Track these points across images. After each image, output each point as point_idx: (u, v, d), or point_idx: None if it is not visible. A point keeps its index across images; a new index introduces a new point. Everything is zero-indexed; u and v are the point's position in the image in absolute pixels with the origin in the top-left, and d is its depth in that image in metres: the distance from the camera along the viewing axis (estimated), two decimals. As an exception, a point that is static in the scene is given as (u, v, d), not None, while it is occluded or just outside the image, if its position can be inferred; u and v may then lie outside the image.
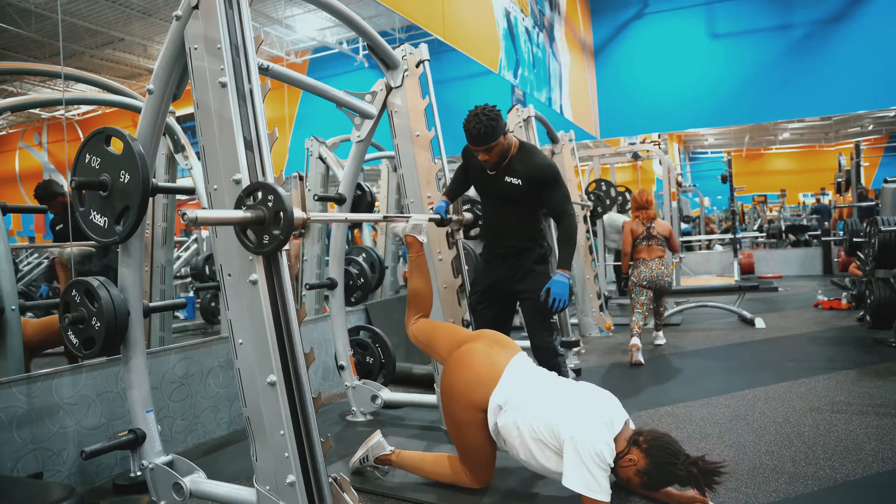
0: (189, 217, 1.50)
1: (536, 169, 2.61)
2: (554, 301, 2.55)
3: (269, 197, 1.66)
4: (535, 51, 7.44)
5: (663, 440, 1.88)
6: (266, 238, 1.68)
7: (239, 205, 1.71)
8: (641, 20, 11.53)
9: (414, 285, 2.59)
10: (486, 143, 2.51)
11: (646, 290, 4.57)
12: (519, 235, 2.72)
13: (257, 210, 1.67)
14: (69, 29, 8.28)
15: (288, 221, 1.65)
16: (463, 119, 2.56)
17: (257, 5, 9.42)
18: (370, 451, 2.37)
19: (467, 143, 2.76)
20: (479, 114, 2.50)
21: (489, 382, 2.10)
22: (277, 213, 1.65)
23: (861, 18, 9.95)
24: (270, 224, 1.67)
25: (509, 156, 2.65)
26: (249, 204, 1.69)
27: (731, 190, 8.68)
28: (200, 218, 1.53)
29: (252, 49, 1.88)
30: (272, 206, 1.66)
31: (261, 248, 1.70)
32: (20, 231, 8.67)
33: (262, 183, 1.70)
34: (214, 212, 1.66)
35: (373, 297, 4.88)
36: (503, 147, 2.58)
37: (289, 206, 1.65)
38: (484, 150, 2.55)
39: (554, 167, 2.68)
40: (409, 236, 2.62)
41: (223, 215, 1.65)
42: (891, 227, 4.28)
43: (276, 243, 1.67)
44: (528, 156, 2.65)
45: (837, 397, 3.24)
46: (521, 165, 2.62)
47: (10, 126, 9.34)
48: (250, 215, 1.66)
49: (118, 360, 2.40)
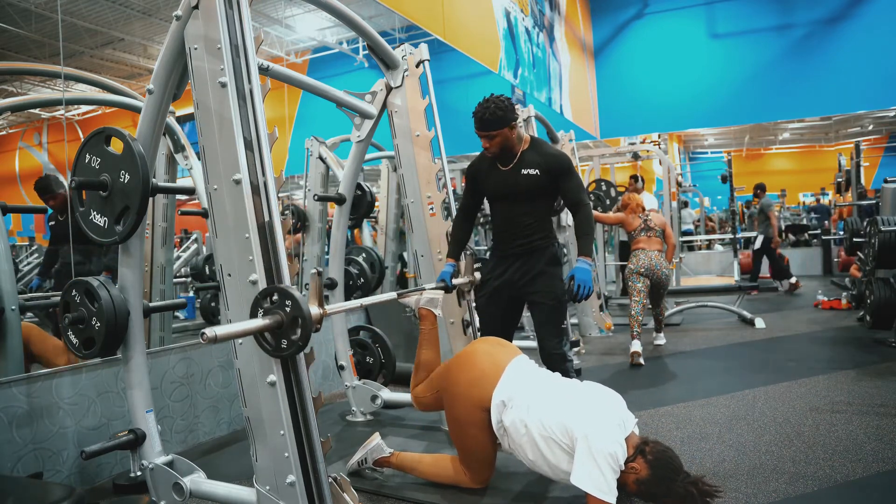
0: (209, 336, 1.44)
1: (552, 158, 2.63)
2: (579, 287, 2.54)
3: (287, 302, 1.65)
4: (535, 51, 7.44)
5: (668, 454, 1.88)
6: (285, 343, 1.67)
7: (255, 307, 1.70)
8: (641, 20, 11.53)
9: (423, 357, 2.52)
10: (489, 130, 2.54)
11: (643, 278, 4.54)
12: (533, 233, 2.69)
13: (275, 315, 1.65)
14: (69, 29, 8.28)
15: (306, 329, 1.64)
16: (463, 119, 2.58)
17: (257, 5, 9.42)
18: (369, 454, 2.37)
19: (471, 162, 2.82)
20: (489, 101, 2.54)
21: (491, 380, 2.11)
22: (295, 319, 1.64)
23: (861, 18, 9.95)
24: (289, 329, 1.66)
25: (521, 150, 2.65)
26: (267, 307, 1.68)
27: (731, 190, 8.68)
28: (220, 336, 1.48)
29: (252, 49, 1.88)
30: (290, 311, 1.65)
31: (279, 352, 1.69)
32: (20, 231, 8.67)
33: (278, 288, 1.68)
34: (234, 326, 1.59)
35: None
36: (506, 139, 2.58)
37: (306, 312, 1.63)
38: (486, 137, 2.57)
39: (568, 157, 2.70)
40: (422, 309, 2.56)
41: (243, 328, 1.60)
42: (891, 227, 4.28)
43: (295, 348, 1.67)
44: (542, 147, 2.69)
45: (837, 397, 3.24)
46: (536, 156, 2.63)
47: (10, 126, 9.34)
48: (269, 322, 1.64)
49: (118, 359, 2.40)
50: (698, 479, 1.84)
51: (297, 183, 9.13)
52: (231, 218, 1.83)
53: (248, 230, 1.80)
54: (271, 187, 1.84)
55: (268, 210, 1.82)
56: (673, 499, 1.82)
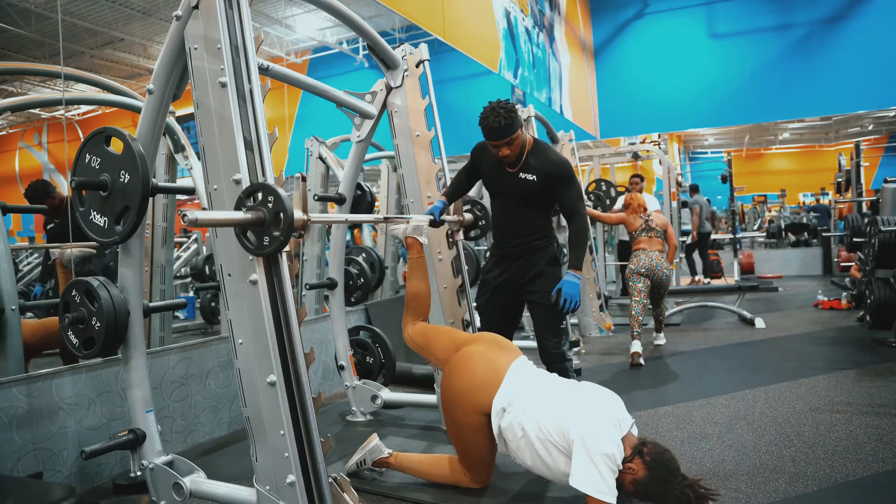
0: (189, 218, 1.50)
1: (552, 165, 2.57)
2: (565, 302, 2.50)
3: (270, 198, 1.66)
4: (535, 51, 7.44)
5: (666, 456, 1.88)
6: (266, 239, 1.68)
7: (239, 206, 1.71)
8: (641, 20, 11.53)
9: (413, 287, 2.57)
10: (508, 136, 2.45)
11: (643, 279, 4.54)
12: (532, 233, 2.67)
13: (257, 211, 1.67)
14: (69, 29, 8.27)
15: (288, 222, 1.64)
16: (463, 119, 2.56)
17: (257, 5, 9.42)
18: (367, 455, 2.37)
19: (479, 143, 2.71)
20: (497, 107, 2.45)
21: (491, 386, 2.09)
22: (278, 214, 1.65)
23: (861, 18, 9.95)
24: (270, 225, 1.66)
25: (525, 152, 2.60)
26: (249, 205, 1.68)
27: (731, 190, 8.69)
28: (200, 219, 1.53)
29: (252, 49, 1.88)
30: (272, 206, 1.66)
31: (261, 249, 1.70)
32: (20, 231, 8.67)
33: (261, 184, 1.70)
34: (214, 213, 1.65)
35: (373, 297, 4.88)
36: (521, 142, 2.54)
37: (289, 206, 1.64)
38: (505, 144, 2.48)
39: (569, 164, 2.63)
40: (409, 238, 2.60)
41: (223, 216, 1.65)
42: (891, 227, 4.28)
43: (277, 244, 1.67)
44: (543, 152, 2.62)
45: (837, 397, 3.24)
46: (536, 162, 2.58)
47: (10, 126, 9.34)
48: (250, 216, 1.66)
49: (118, 359, 2.40)
50: (696, 481, 1.84)
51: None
52: (231, 218, 1.83)
53: (248, 230, 1.80)
54: (271, 187, 1.84)
55: (268, 210, 1.82)
56: (670, 500, 1.82)
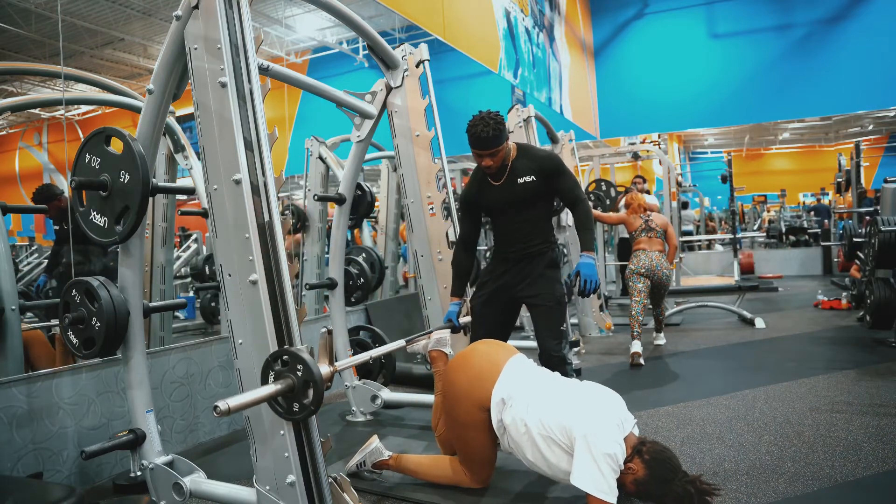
0: (222, 410, 1.45)
1: (543, 160, 2.62)
2: (586, 282, 2.53)
3: (298, 367, 1.65)
4: (535, 51, 7.44)
5: (665, 455, 1.88)
6: (296, 406, 1.67)
7: (266, 369, 1.69)
8: (641, 20, 11.53)
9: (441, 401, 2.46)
10: (494, 147, 2.48)
11: (643, 279, 4.54)
12: (533, 238, 2.67)
13: (286, 379, 1.65)
14: (69, 29, 8.27)
15: (318, 394, 1.64)
16: (463, 119, 2.55)
17: (257, 5, 9.42)
18: (368, 457, 2.36)
19: (462, 192, 2.75)
20: (486, 117, 2.47)
21: (490, 378, 2.11)
22: (307, 384, 1.64)
23: (861, 18, 9.95)
24: (300, 393, 1.65)
25: (510, 160, 2.62)
26: (278, 370, 1.67)
27: (731, 190, 8.67)
28: (233, 406, 1.48)
29: (252, 49, 1.88)
30: (301, 375, 1.64)
31: (291, 415, 1.69)
32: (20, 231, 8.68)
33: (289, 351, 1.68)
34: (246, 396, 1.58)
35: (373, 297, 4.88)
36: (506, 152, 2.57)
37: (318, 376, 1.63)
38: (489, 155, 2.51)
39: (556, 155, 2.70)
40: (433, 352, 2.55)
41: (255, 397, 1.59)
42: (891, 227, 4.28)
43: (307, 412, 1.67)
44: (530, 152, 2.66)
45: (837, 397, 3.24)
46: (528, 162, 2.61)
47: (10, 126, 9.35)
48: (281, 387, 1.64)
49: (118, 359, 2.40)
50: (696, 478, 1.83)
51: (297, 183, 9.13)
52: (231, 218, 1.83)
53: (248, 230, 1.80)
54: (271, 187, 1.84)
55: (268, 210, 1.83)
56: (671, 499, 1.82)
